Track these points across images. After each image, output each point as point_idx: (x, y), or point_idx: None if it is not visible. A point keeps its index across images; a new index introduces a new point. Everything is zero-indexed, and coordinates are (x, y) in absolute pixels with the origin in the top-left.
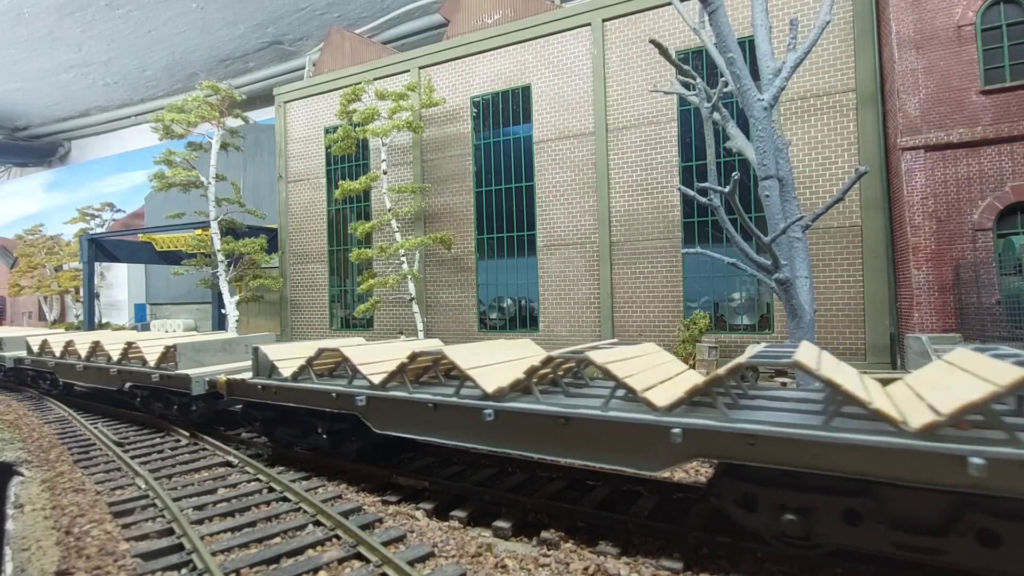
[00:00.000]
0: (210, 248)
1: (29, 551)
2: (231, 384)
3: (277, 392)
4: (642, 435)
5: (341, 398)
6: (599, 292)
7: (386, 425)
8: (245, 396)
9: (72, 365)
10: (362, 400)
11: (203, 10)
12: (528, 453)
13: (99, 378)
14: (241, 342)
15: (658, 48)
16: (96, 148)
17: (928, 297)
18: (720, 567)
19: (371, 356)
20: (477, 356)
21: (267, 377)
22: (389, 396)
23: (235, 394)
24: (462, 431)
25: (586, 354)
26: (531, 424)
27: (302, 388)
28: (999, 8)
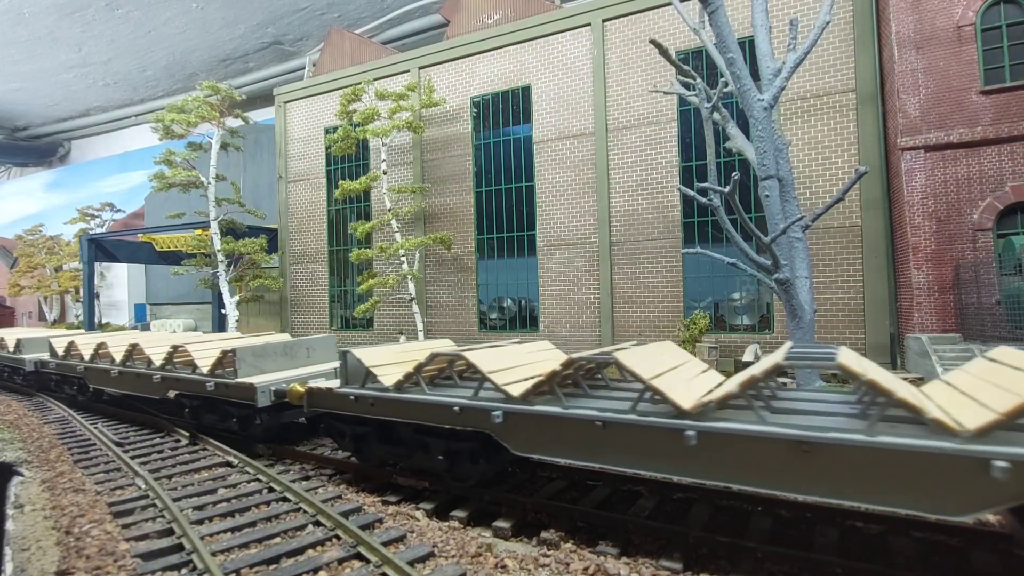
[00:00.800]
0: (210, 248)
1: (29, 551)
2: (313, 395)
3: (375, 404)
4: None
5: (467, 413)
6: (599, 292)
7: (531, 447)
8: (331, 408)
9: (105, 370)
10: (499, 416)
11: (203, 10)
12: (750, 487)
13: (138, 385)
14: (302, 345)
15: (658, 48)
16: (96, 148)
17: (928, 297)
18: (720, 567)
19: (500, 362)
20: (648, 360)
21: (360, 386)
22: (536, 412)
23: (317, 405)
24: (646, 457)
25: None
26: (755, 451)
27: (411, 400)
28: (999, 8)
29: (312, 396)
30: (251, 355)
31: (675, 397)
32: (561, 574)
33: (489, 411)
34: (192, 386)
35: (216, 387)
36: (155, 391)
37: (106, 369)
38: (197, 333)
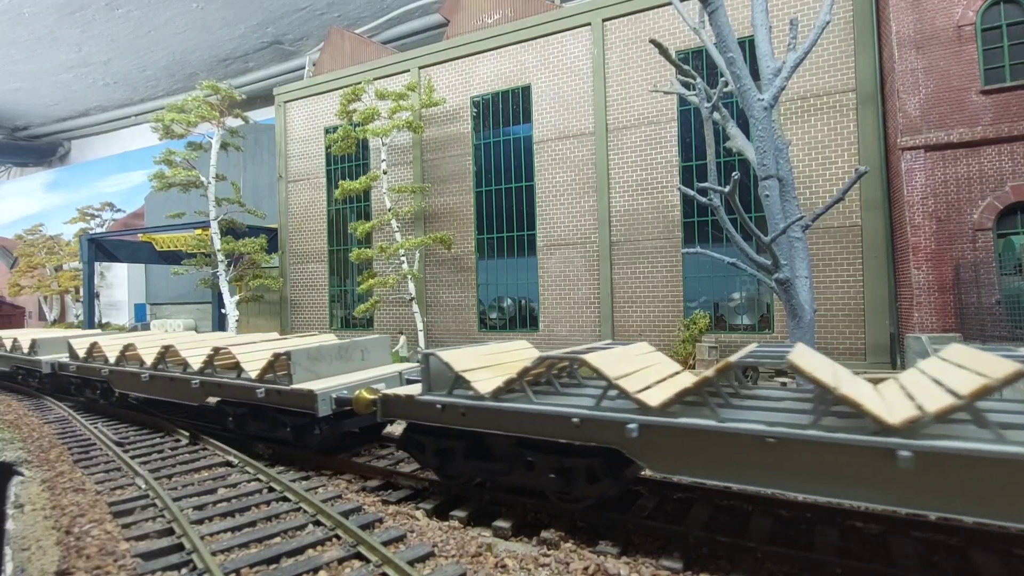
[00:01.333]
0: (210, 248)
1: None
2: (390, 403)
3: (468, 415)
4: None
5: (590, 426)
6: (599, 292)
7: (675, 465)
8: (412, 418)
9: (134, 374)
10: (634, 430)
11: (203, 10)
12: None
13: (173, 390)
14: (356, 347)
15: (658, 48)
16: (96, 148)
17: (928, 297)
18: (720, 567)
19: (622, 366)
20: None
21: (448, 393)
22: (682, 426)
23: (394, 415)
24: (835, 480)
25: None
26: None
27: (515, 410)
28: (999, 8)
29: (388, 405)
30: (306, 358)
31: (876, 410)
32: (561, 574)
33: (622, 424)
34: (238, 392)
35: (268, 394)
36: (193, 397)
37: (135, 373)
38: (229, 334)
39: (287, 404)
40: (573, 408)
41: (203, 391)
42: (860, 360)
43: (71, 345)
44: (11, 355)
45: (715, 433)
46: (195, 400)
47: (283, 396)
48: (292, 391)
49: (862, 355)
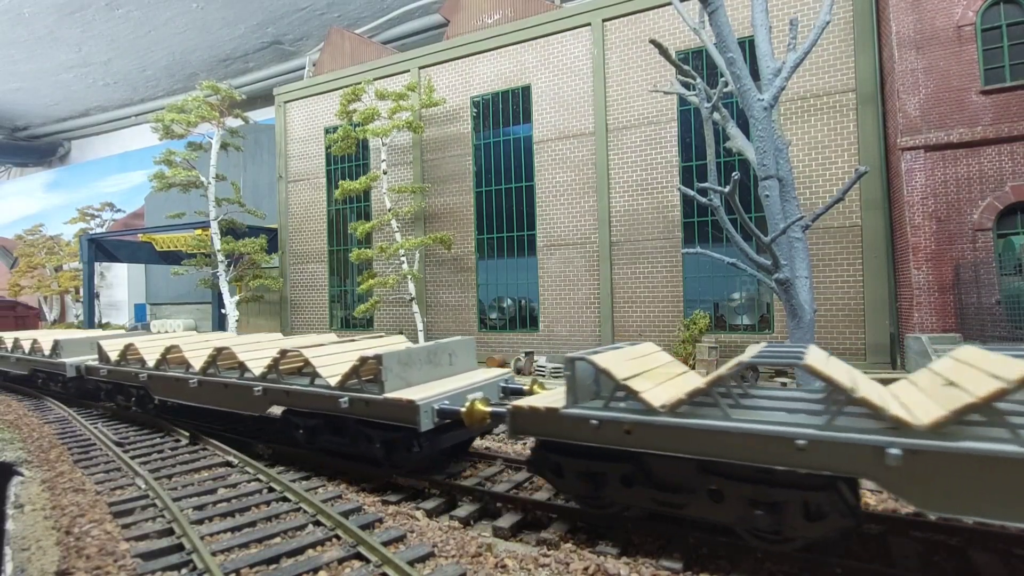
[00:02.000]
0: (210, 248)
1: (29, 551)
2: (522, 416)
3: (633, 432)
4: None
5: (821, 449)
6: (599, 292)
7: (950, 501)
8: (553, 435)
9: (179, 380)
10: (895, 456)
11: (203, 10)
12: None
13: (227, 398)
14: (444, 349)
15: (658, 48)
16: (96, 148)
17: (928, 297)
18: (720, 567)
19: (851, 373)
20: None
21: (604, 406)
22: (969, 451)
23: (529, 431)
24: None
25: None
26: None
27: (706, 428)
28: (999, 8)
29: (521, 419)
30: (398, 363)
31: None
32: (561, 574)
33: (876, 448)
34: (314, 402)
35: (353, 404)
36: (254, 407)
37: (180, 379)
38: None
39: (378, 416)
40: (794, 428)
41: (267, 399)
42: (860, 360)
43: (102, 347)
44: (31, 357)
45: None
46: (256, 410)
47: (374, 407)
48: (387, 401)
49: (862, 355)
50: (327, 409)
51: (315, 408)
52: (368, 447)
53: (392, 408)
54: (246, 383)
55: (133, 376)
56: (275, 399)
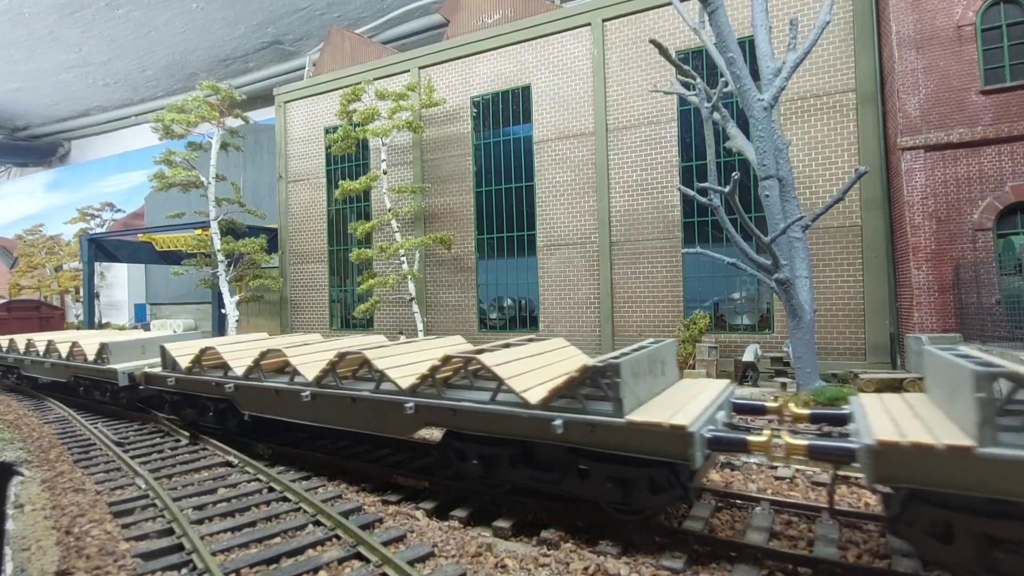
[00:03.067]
0: (210, 248)
1: (29, 551)
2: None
3: None
4: None
5: None
6: (599, 292)
7: None
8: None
9: (283, 392)
10: None
11: (203, 10)
12: None
13: (358, 417)
14: (659, 355)
15: (658, 48)
16: (96, 148)
17: (928, 297)
18: (720, 567)
19: None
20: None
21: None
22: None
23: (901, 476)
24: None
25: None
26: None
27: None
28: (999, 8)
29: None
30: (632, 375)
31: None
32: (561, 574)
33: None
34: (503, 424)
35: (570, 429)
36: (400, 427)
37: (286, 390)
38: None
39: (616, 446)
40: None
41: (419, 419)
42: (860, 360)
43: (168, 351)
44: (71, 363)
45: None
46: (401, 432)
47: (609, 434)
48: (632, 427)
49: (862, 355)
50: (522, 434)
51: (502, 433)
52: (588, 486)
53: (643, 436)
54: (391, 398)
55: (213, 387)
56: (432, 419)
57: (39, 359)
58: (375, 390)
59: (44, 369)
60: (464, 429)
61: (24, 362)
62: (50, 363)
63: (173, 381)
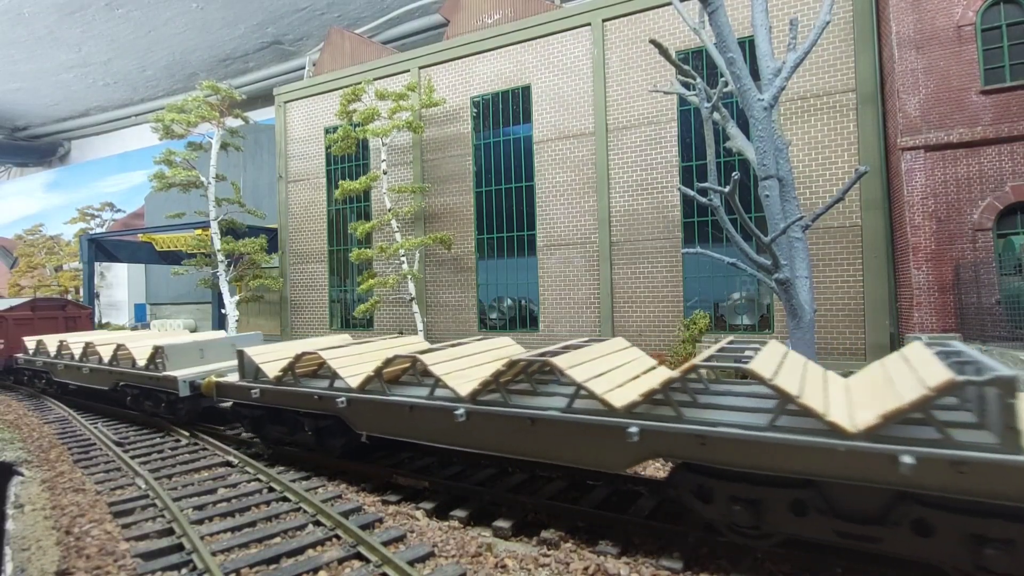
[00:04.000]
0: (210, 248)
1: (29, 551)
2: None
3: None
4: None
5: None
6: (599, 292)
7: None
8: None
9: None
10: None
11: (203, 10)
12: None
13: (539, 443)
14: None
15: (658, 48)
16: (96, 148)
17: (928, 297)
18: (720, 567)
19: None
20: None
21: None
22: None
23: None
24: None
25: None
26: None
27: None
28: (999, 8)
29: None
30: None
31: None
32: (561, 574)
33: None
34: (792, 459)
35: (920, 470)
36: (616, 458)
37: (430, 408)
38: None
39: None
40: None
41: (643, 448)
42: (860, 360)
43: (249, 357)
44: (115, 368)
45: None
46: (614, 464)
47: (1003, 479)
48: None
49: (862, 355)
50: (830, 474)
51: (792, 470)
52: (930, 546)
53: None
54: (600, 421)
55: (316, 400)
56: (664, 448)
57: (74, 363)
58: (568, 408)
59: (81, 375)
60: (717, 463)
61: (56, 366)
62: (89, 368)
63: (258, 393)
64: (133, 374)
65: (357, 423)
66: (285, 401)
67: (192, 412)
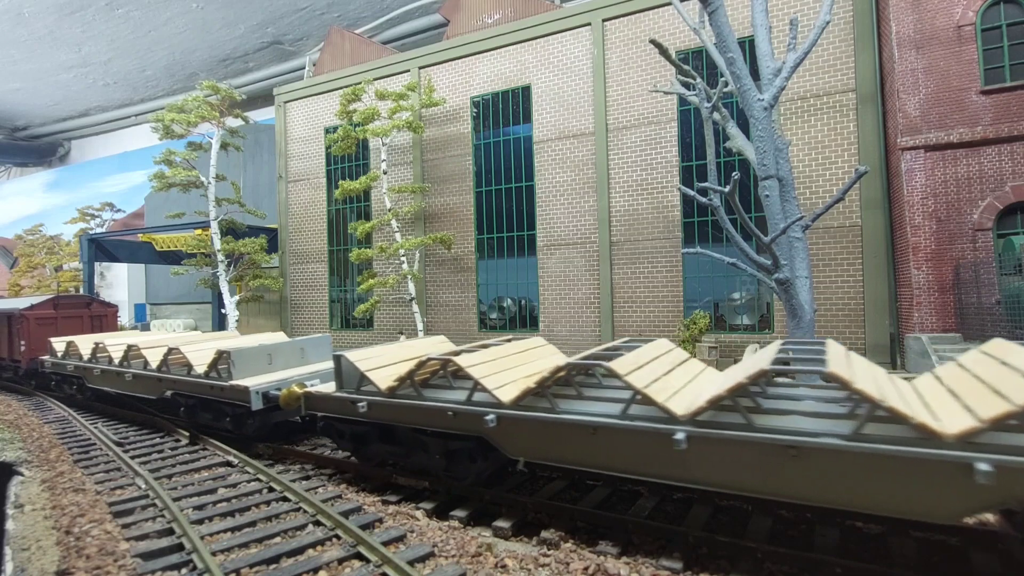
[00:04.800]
0: (210, 248)
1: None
2: None
3: None
4: None
5: None
6: (599, 292)
7: None
8: None
9: (643, 434)
10: None
11: (203, 10)
12: None
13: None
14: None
15: (658, 48)
16: (96, 148)
17: (928, 297)
18: (720, 567)
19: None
20: None
21: None
22: None
23: None
24: None
25: None
26: None
27: None
28: (999, 8)
29: None
30: None
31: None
32: (561, 574)
33: None
34: None
35: None
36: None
37: (629, 431)
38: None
39: None
40: None
41: (1001, 492)
42: None
43: (352, 363)
44: (167, 375)
45: None
46: (944, 514)
47: None
48: None
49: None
50: None
51: None
52: None
53: None
54: (929, 453)
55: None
56: None
57: (114, 368)
58: (856, 434)
59: (123, 382)
60: None
61: (91, 371)
62: (132, 374)
63: (365, 407)
64: (190, 382)
65: (511, 446)
66: (407, 417)
67: (263, 427)
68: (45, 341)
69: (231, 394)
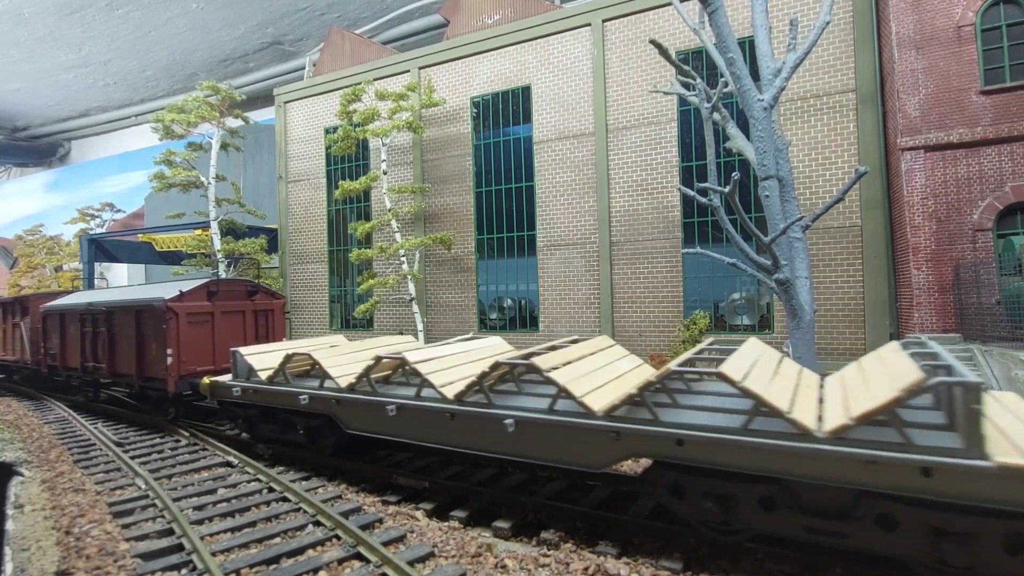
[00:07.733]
0: (210, 248)
1: (29, 551)
2: None
3: None
4: None
5: None
6: (599, 292)
7: None
8: None
9: None
10: None
11: (203, 10)
12: None
13: None
14: None
15: (658, 48)
16: (96, 148)
17: (928, 297)
18: (720, 567)
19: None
20: None
21: None
22: None
23: None
24: None
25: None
26: None
27: None
28: (999, 8)
29: None
30: None
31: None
32: (561, 574)
33: None
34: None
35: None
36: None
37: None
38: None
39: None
40: None
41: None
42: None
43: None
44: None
45: None
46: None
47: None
48: None
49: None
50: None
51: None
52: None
53: None
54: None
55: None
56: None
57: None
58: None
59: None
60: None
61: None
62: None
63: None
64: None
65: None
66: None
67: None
68: (203, 349)
69: None
